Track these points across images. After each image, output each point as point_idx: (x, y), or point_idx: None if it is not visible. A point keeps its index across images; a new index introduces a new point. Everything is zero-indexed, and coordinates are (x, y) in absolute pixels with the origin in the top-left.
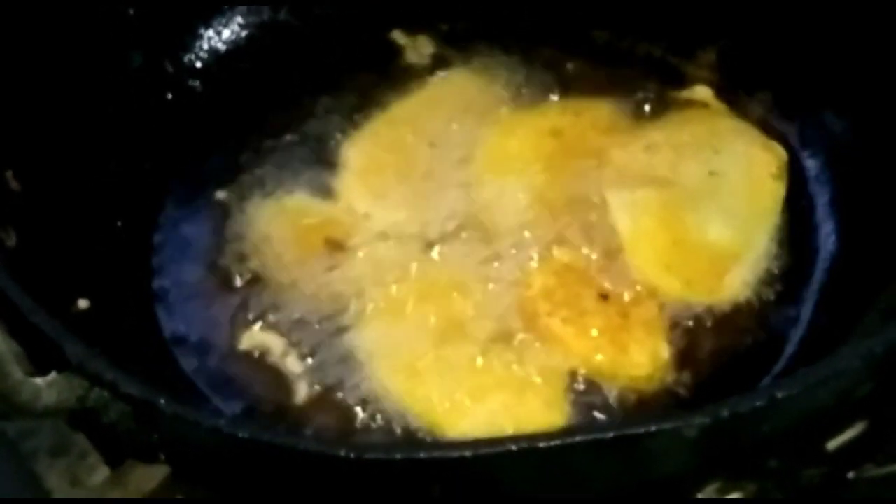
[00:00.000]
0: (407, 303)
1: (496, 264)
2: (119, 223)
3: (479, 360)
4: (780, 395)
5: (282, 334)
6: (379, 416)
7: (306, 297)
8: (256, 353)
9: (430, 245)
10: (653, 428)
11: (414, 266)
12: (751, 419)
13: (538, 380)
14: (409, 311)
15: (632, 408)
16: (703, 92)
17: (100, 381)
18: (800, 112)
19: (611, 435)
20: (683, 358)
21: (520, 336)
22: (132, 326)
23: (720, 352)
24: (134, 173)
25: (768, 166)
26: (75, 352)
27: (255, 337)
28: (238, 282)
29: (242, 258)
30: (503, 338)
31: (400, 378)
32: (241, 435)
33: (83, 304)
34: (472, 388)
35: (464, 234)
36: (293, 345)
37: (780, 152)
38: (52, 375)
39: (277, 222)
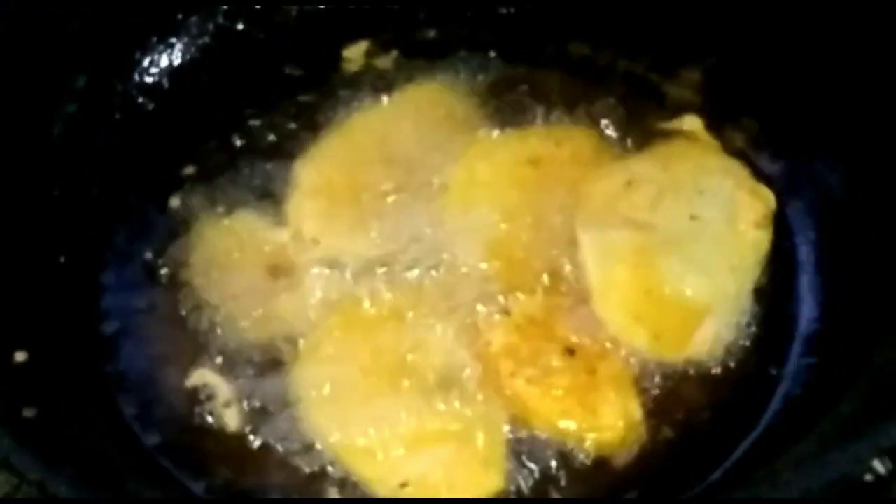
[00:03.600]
0: (349, 342)
1: (454, 306)
2: (62, 259)
3: (421, 411)
4: None
5: (224, 377)
6: (319, 467)
7: (248, 330)
8: (202, 396)
9: (380, 279)
10: None
11: (362, 301)
12: None
13: (480, 438)
14: (350, 351)
15: (599, 474)
16: (692, 123)
17: (27, 479)
18: (788, 150)
19: None
20: (655, 419)
21: (468, 389)
22: (76, 372)
23: (694, 412)
24: (80, 200)
25: (754, 213)
26: (3, 445)
27: (202, 378)
28: (184, 312)
29: (189, 287)
30: (450, 389)
31: (334, 425)
32: None
33: (20, 356)
34: (409, 439)
35: (419, 271)
36: (235, 390)
37: (769, 198)
38: None
39: (223, 246)
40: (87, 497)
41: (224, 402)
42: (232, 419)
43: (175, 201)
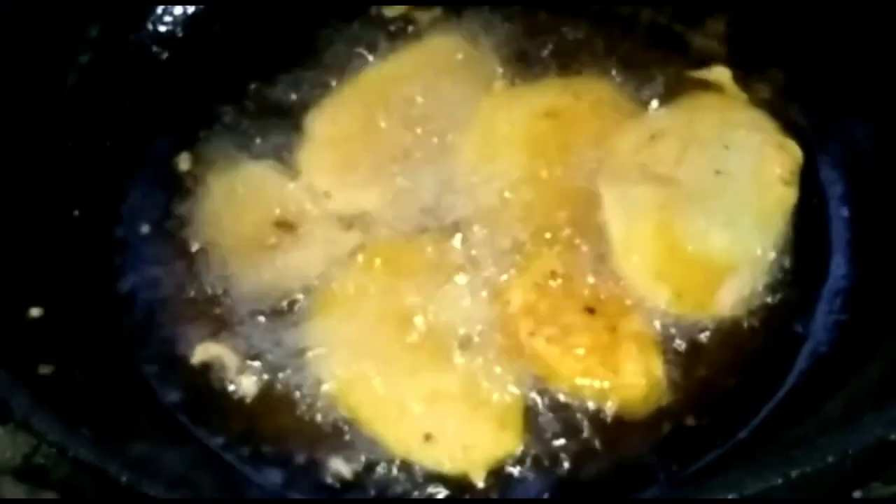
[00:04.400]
0: (363, 297)
1: (471, 263)
2: (77, 213)
3: (438, 369)
4: (794, 473)
5: (233, 343)
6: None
7: (259, 284)
8: (214, 366)
9: (394, 235)
10: None
11: (375, 257)
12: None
13: (497, 397)
14: (365, 307)
15: (621, 433)
16: (720, 74)
17: (46, 440)
18: (817, 103)
19: None
20: (679, 377)
21: (486, 347)
22: (92, 328)
23: (719, 370)
24: (93, 152)
25: (781, 168)
26: (21, 405)
27: (207, 352)
28: (196, 267)
29: (201, 241)
30: (467, 347)
31: (349, 381)
32: None
33: (36, 312)
34: (424, 397)
35: (436, 226)
36: (246, 351)
37: (796, 153)
38: None
39: (234, 198)
40: (105, 458)
41: (237, 369)
42: (248, 385)
43: (188, 154)
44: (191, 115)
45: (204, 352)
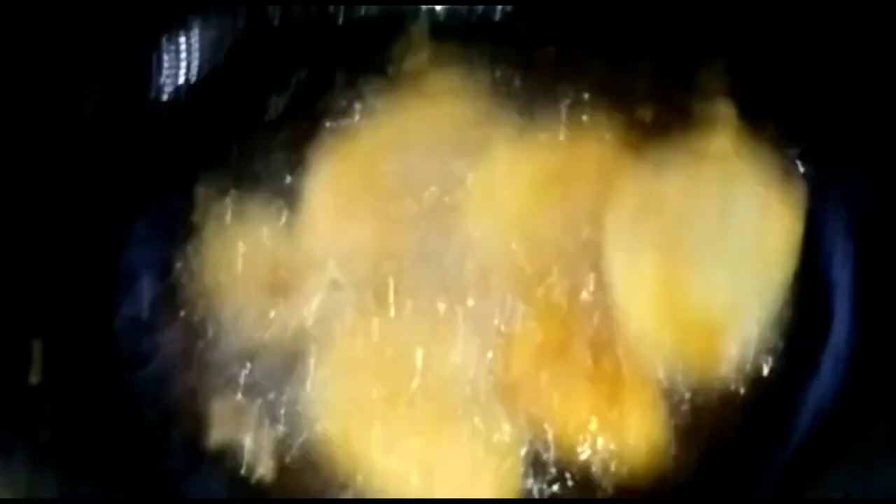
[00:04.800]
0: (362, 356)
1: (472, 319)
2: (76, 273)
3: (437, 427)
4: None
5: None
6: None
7: (258, 345)
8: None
9: (395, 290)
10: None
11: (377, 314)
12: None
13: (496, 455)
14: (363, 365)
15: (623, 494)
16: (724, 112)
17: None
18: (820, 153)
19: None
20: (681, 436)
21: (486, 405)
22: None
23: (722, 427)
24: (93, 203)
25: (783, 221)
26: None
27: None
28: (196, 321)
29: (201, 296)
30: (467, 404)
31: (347, 439)
32: None
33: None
34: (423, 454)
35: (436, 281)
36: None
37: (798, 211)
38: None
39: (233, 254)
40: None
41: (253, 453)
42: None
43: (188, 214)
44: (192, 173)
45: (234, 429)
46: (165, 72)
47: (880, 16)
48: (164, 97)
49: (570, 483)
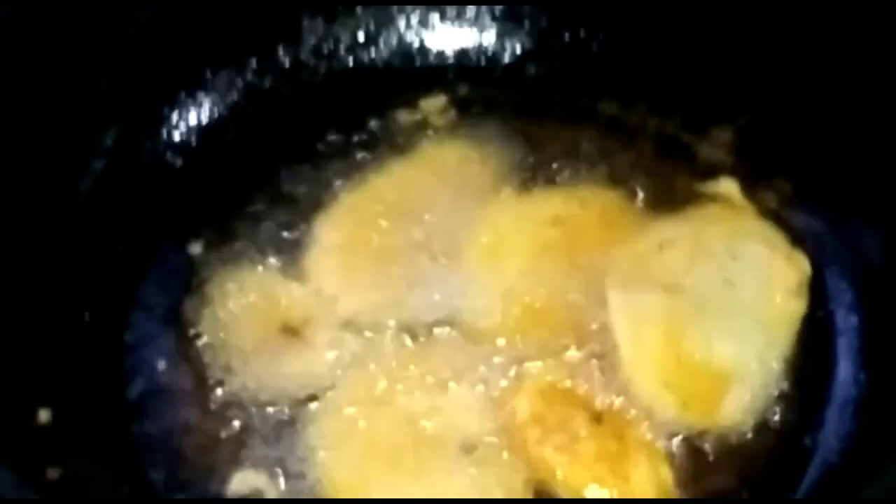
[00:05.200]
0: (367, 404)
1: (477, 370)
2: (87, 316)
3: (443, 478)
4: None
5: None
6: None
7: (265, 389)
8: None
9: (400, 341)
10: None
11: (381, 362)
12: None
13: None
14: (368, 413)
15: None
16: (727, 186)
17: None
18: (824, 211)
19: None
20: (686, 488)
21: (492, 455)
22: (100, 433)
23: (727, 481)
24: (104, 257)
25: (789, 281)
26: None
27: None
28: (205, 371)
29: (209, 346)
30: (472, 454)
31: (351, 489)
32: None
33: (45, 416)
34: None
35: (441, 333)
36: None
37: (804, 266)
38: None
39: (241, 303)
40: None
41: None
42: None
43: (198, 258)
44: (202, 221)
45: (242, 482)
46: (175, 126)
47: (885, 74)
48: (175, 150)
49: None
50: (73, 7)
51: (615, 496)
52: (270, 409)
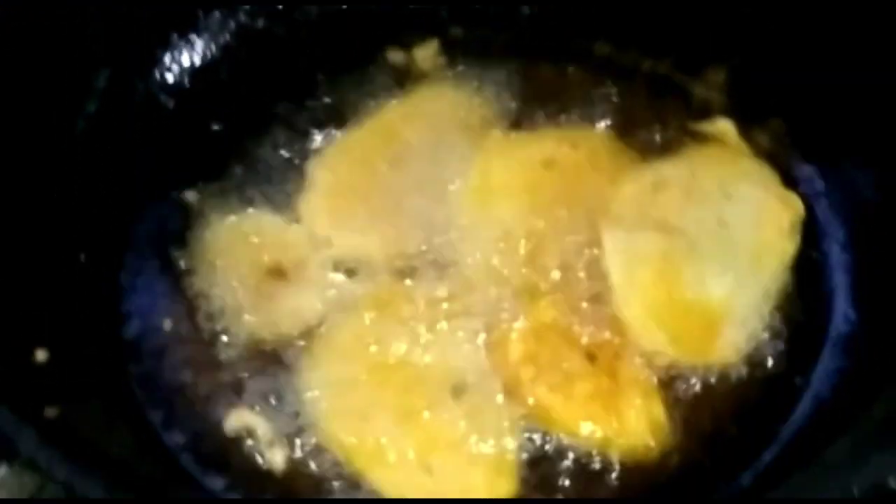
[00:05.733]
0: (361, 344)
1: (469, 310)
2: (83, 257)
3: (435, 416)
4: None
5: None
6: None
7: (260, 329)
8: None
9: (392, 282)
10: None
11: (374, 303)
12: None
13: (495, 444)
14: (362, 354)
15: (624, 479)
16: (723, 127)
17: (53, 479)
18: (817, 151)
19: None
20: (680, 423)
21: (485, 395)
22: (98, 372)
23: (720, 415)
24: (99, 198)
25: (782, 221)
26: (27, 444)
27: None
28: (199, 312)
29: (203, 287)
30: (465, 394)
31: (344, 428)
32: None
33: (42, 356)
34: (421, 444)
35: (434, 273)
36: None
37: (797, 206)
38: (2, 469)
39: (235, 244)
40: (116, 498)
41: (268, 441)
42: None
43: (192, 199)
44: (195, 162)
45: (238, 420)
46: (168, 68)
47: (881, 15)
48: (168, 92)
49: (570, 463)
50: None
51: (608, 434)
52: (264, 349)
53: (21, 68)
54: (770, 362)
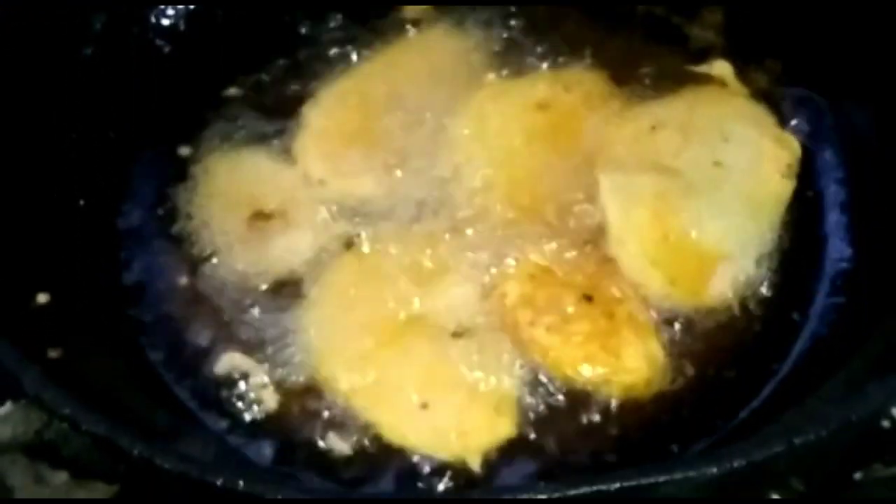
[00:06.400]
0: (358, 286)
1: (466, 253)
2: (82, 202)
3: (433, 358)
4: (797, 440)
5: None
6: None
7: (255, 272)
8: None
9: (387, 226)
10: (661, 478)
11: (369, 246)
12: (768, 464)
13: (493, 385)
14: (359, 296)
15: (623, 418)
16: (720, 68)
17: (59, 415)
18: (814, 91)
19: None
20: (678, 361)
21: (482, 337)
22: (99, 315)
23: (717, 354)
24: (97, 143)
25: (778, 162)
26: (32, 382)
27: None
28: (194, 254)
29: (199, 229)
30: (463, 336)
31: (343, 369)
32: (215, 482)
33: (43, 298)
34: (419, 385)
35: (428, 217)
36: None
37: (794, 147)
38: (7, 406)
39: (230, 186)
40: (117, 432)
41: (260, 383)
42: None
43: (189, 145)
44: (191, 106)
45: (232, 361)
46: (164, 11)
47: None
48: (163, 35)
49: (569, 403)
50: None
51: (607, 373)
52: (260, 291)
53: (17, 12)
54: (767, 300)
